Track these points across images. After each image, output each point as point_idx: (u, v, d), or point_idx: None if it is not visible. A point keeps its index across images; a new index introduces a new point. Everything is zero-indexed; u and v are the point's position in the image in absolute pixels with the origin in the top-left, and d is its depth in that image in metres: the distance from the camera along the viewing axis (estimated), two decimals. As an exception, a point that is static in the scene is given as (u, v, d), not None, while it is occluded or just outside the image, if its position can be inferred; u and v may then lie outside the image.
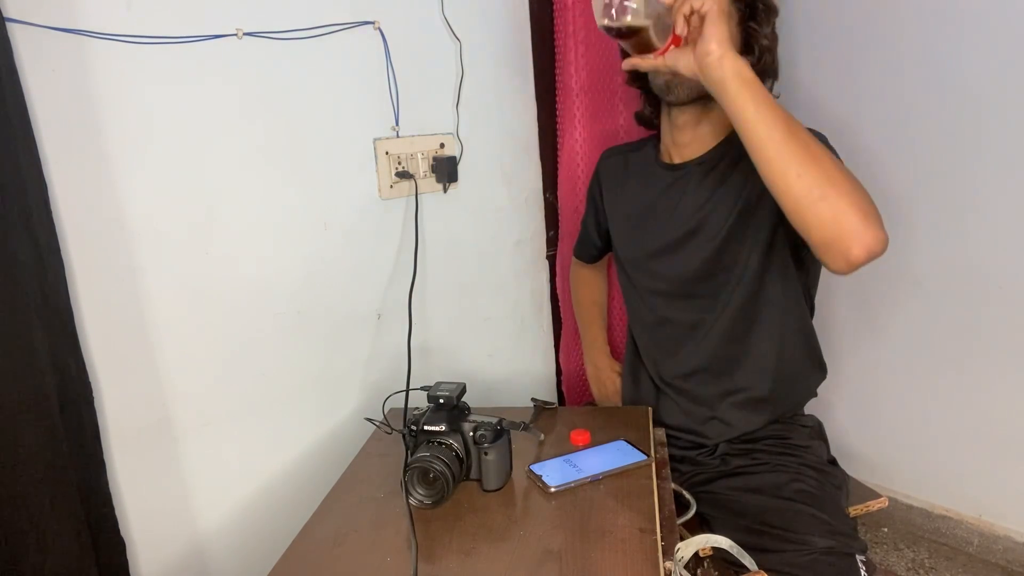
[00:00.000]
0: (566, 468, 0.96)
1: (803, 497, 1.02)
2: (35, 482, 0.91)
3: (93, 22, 0.97)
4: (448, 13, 1.34)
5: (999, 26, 1.42)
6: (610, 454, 0.99)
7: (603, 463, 0.96)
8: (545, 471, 0.95)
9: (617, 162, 1.29)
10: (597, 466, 0.95)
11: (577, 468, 0.95)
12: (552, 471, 0.95)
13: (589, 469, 0.95)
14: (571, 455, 1.00)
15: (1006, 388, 1.58)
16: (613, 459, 0.97)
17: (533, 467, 0.96)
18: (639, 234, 1.21)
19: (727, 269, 1.08)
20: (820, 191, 0.81)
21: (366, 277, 1.34)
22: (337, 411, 1.35)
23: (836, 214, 0.81)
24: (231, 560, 1.24)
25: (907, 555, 1.76)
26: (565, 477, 0.93)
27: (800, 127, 0.87)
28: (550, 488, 0.91)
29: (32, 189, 0.90)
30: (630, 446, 1.01)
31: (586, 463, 0.97)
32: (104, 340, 1.04)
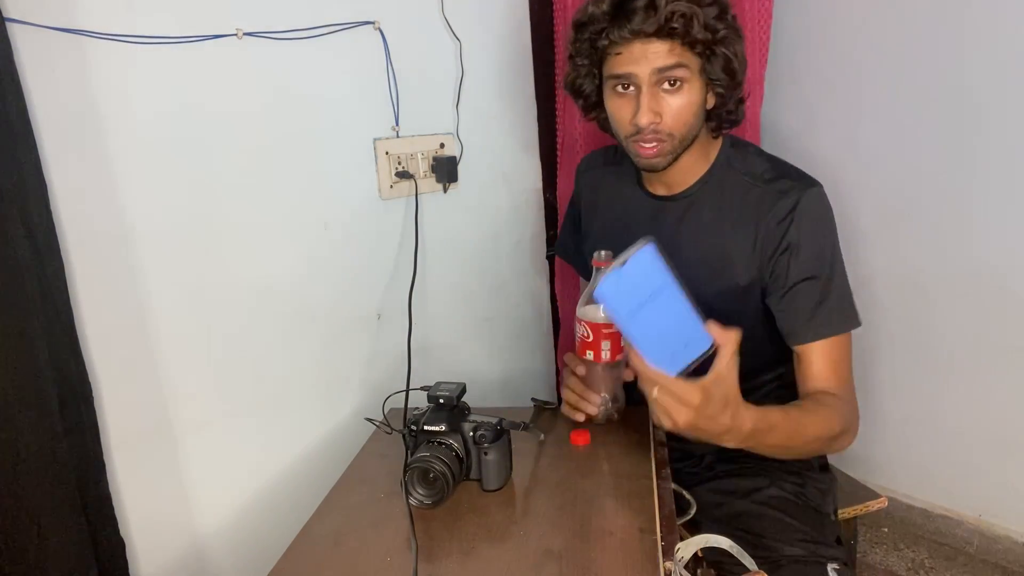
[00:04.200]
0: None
1: (778, 503, 1.02)
2: (35, 482, 0.91)
3: (93, 22, 0.97)
4: (448, 13, 1.34)
5: (1001, 28, 1.42)
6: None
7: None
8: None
9: (595, 177, 1.23)
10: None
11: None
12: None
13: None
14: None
15: (1006, 388, 1.58)
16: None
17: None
18: (627, 241, 1.15)
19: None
20: (808, 453, 0.99)
21: (366, 277, 1.34)
22: (337, 411, 1.35)
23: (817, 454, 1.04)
24: (231, 560, 1.24)
25: (907, 555, 1.76)
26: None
27: (800, 431, 0.89)
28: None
29: (32, 189, 0.90)
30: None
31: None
32: (104, 340, 1.04)
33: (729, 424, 0.75)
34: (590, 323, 0.96)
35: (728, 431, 0.76)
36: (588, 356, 0.98)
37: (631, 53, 0.94)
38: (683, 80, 0.95)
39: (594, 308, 0.96)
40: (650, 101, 0.95)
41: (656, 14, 0.90)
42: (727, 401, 0.73)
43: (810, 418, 0.90)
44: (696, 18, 0.91)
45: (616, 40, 0.94)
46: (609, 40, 0.95)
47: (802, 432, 0.88)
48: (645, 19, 0.91)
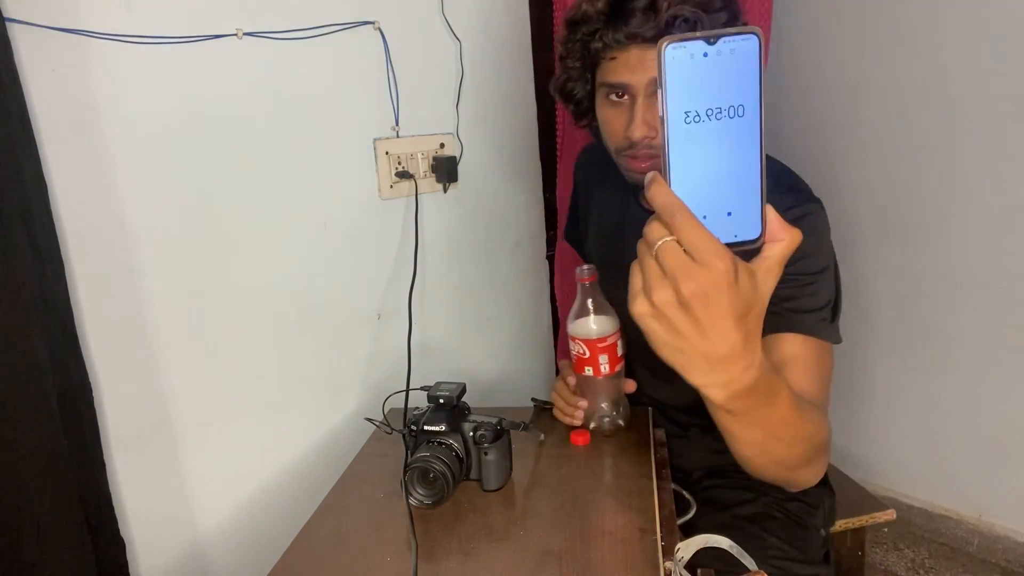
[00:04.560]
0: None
1: (756, 518, 0.99)
2: (35, 482, 0.91)
3: (93, 22, 0.97)
4: (448, 13, 1.34)
5: (1001, 28, 1.42)
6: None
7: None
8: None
9: (591, 175, 1.19)
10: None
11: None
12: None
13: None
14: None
15: (1006, 388, 1.58)
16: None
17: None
18: (611, 254, 1.11)
19: None
20: (775, 476, 0.74)
21: (366, 277, 1.34)
22: (337, 411, 1.35)
23: (783, 481, 0.78)
24: (231, 560, 1.24)
25: (907, 555, 1.76)
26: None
27: (797, 418, 0.62)
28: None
29: (32, 189, 0.90)
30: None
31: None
32: (104, 340, 1.04)
33: (739, 344, 0.47)
34: (584, 340, 0.95)
35: (732, 355, 0.47)
36: (587, 371, 0.97)
37: (627, 59, 0.86)
38: None
39: (585, 323, 0.95)
40: (645, 113, 0.86)
41: (657, 17, 0.82)
42: (752, 313, 0.47)
43: (808, 411, 0.66)
44: (701, 23, 0.82)
45: (611, 44, 0.86)
46: (603, 43, 0.87)
47: (799, 421, 0.62)
48: (644, 22, 0.82)
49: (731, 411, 0.54)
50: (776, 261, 0.47)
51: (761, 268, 0.47)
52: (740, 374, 0.49)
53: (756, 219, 0.46)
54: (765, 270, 0.47)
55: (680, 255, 0.44)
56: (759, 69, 0.43)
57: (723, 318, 0.45)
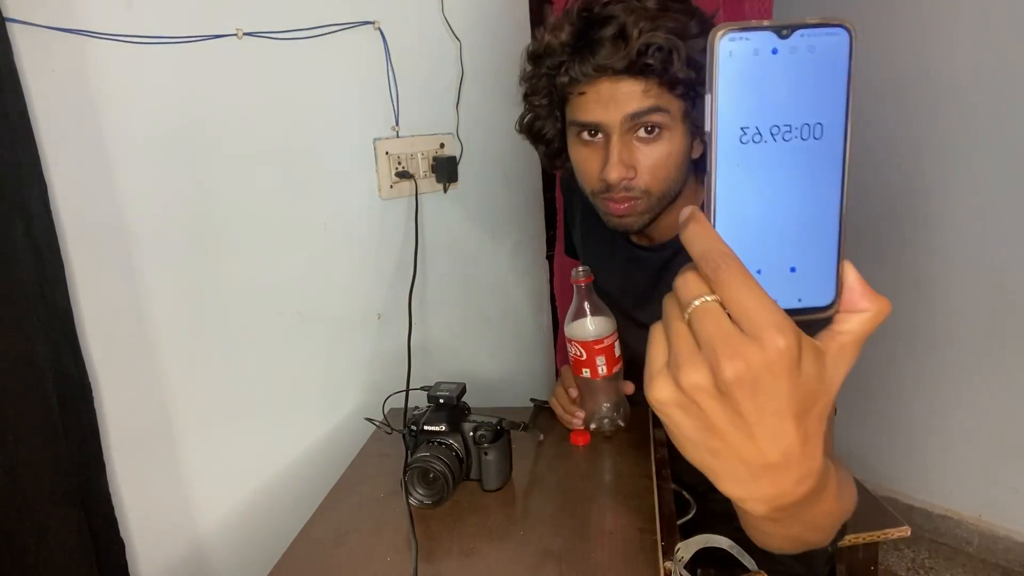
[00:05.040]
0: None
1: None
2: (35, 482, 0.91)
3: (93, 22, 0.97)
4: (448, 13, 1.34)
5: (1001, 28, 1.42)
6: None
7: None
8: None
9: (573, 200, 1.14)
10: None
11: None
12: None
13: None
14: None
15: (1006, 388, 1.58)
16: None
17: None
18: (598, 275, 1.01)
19: None
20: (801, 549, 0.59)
21: (366, 277, 1.34)
22: (337, 411, 1.35)
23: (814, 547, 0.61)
24: (231, 560, 1.24)
25: (907, 555, 1.76)
26: None
27: (840, 503, 0.47)
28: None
29: (32, 189, 0.90)
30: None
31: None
32: (104, 340, 1.04)
33: (795, 449, 0.34)
34: (581, 342, 0.95)
35: (785, 463, 0.34)
36: (585, 373, 0.97)
37: (598, 94, 0.79)
38: (661, 127, 0.79)
39: (582, 324, 0.94)
40: (621, 152, 0.79)
41: (627, 47, 0.74)
42: (816, 408, 0.34)
43: (847, 485, 0.51)
44: (677, 52, 0.74)
45: (578, 77, 0.79)
46: (570, 77, 0.79)
47: (841, 506, 0.48)
48: (613, 52, 0.75)
49: (774, 519, 0.40)
50: (853, 339, 0.35)
51: (832, 347, 0.35)
52: (791, 487, 0.36)
53: (829, 279, 0.35)
54: (838, 350, 0.35)
55: (724, 323, 0.32)
56: (847, 76, 0.32)
57: (776, 414, 0.32)
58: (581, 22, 0.79)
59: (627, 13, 0.75)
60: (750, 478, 0.35)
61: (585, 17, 0.79)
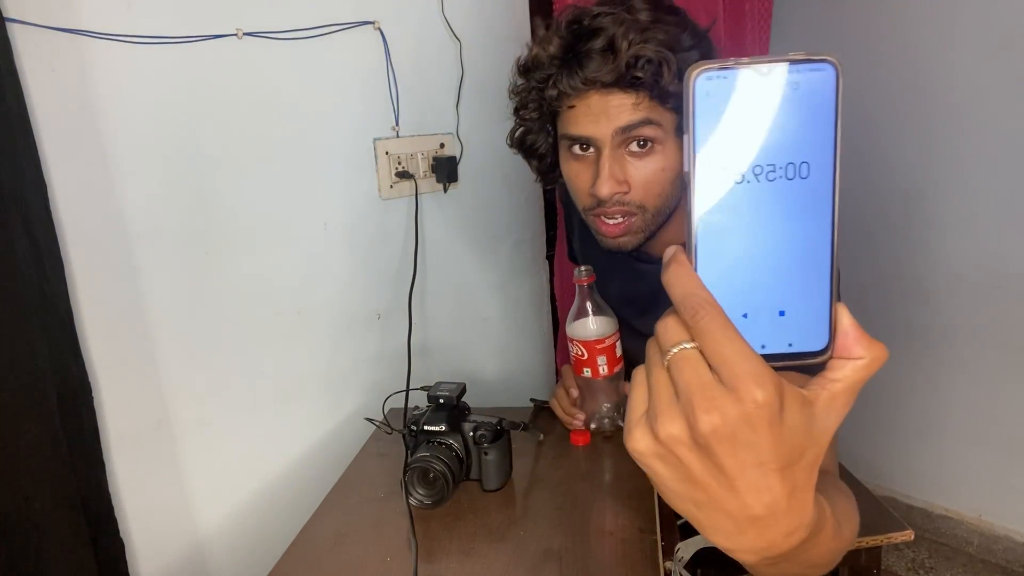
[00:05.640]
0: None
1: None
2: (35, 482, 0.91)
3: (93, 22, 0.97)
4: (448, 13, 1.34)
5: (1000, 29, 1.42)
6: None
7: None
8: None
9: (574, 212, 1.07)
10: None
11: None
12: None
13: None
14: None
15: (1006, 388, 1.58)
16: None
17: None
18: (599, 286, 1.00)
19: None
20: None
21: (366, 277, 1.34)
22: (337, 411, 1.35)
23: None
24: (231, 560, 1.24)
25: (907, 555, 1.76)
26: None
27: (838, 539, 0.42)
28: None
29: (32, 189, 0.90)
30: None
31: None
32: (104, 340, 1.04)
33: (781, 502, 0.32)
34: (582, 342, 0.95)
35: (771, 516, 0.33)
36: (585, 373, 0.97)
37: (587, 107, 0.77)
38: (654, 140, 0.77)
39: (583, 324, 0.95)
40: (612, 167, 0.77)
41: (616, 59, 0.73)
42: (804, 461, 0.33)
43: (846, 514, 0.46)
44: (667, 65, 0.72)
45: (567, 91, 0.77)
46: (558, 91, 0.78)
47: (841, 544, 0.44)
48: (602, 65, 0.74)
49: (765, 565, 0.37)
50: (845, 387, 0.33)
51: (822, 397, 0.33)
52: (780, 539, 0.34)
53: (822, 324, 0.33)
54: (828, 399, 0.33)
55: (702, 373, 0.31)
56: (834, 112, 0.31)
57: (759, 467, 0.31)
58: (570, 35, 0.77)
59: (617, 25, 0.74)
60: (736, 531, 0.33)
61: (575, 29, 0.77)
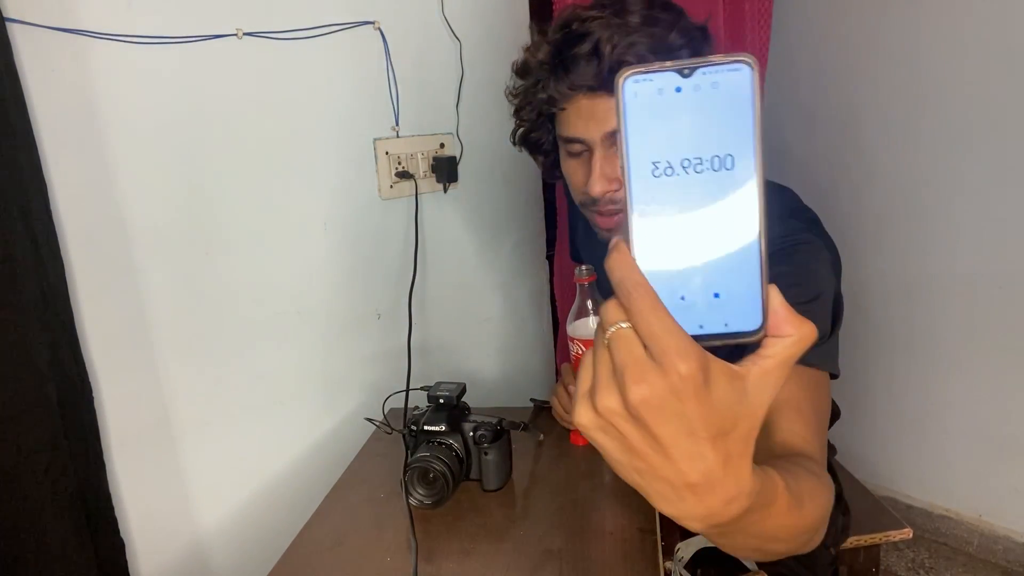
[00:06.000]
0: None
1: None
2: (35, 482, 0.91)
3: (93, 22, 0.97)
4: (448, 13, 1.34)
5: (1000, 30, 1.42)
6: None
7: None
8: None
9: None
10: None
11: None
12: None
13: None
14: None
15: (1006, 388, 1.58)
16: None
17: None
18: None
19: None
20: (782, 554, 0.56)
21: (366, 277, 1.34)
22: (337, 411, 1.35)
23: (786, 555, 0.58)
24: (231, 560, 1.24)
25: (907, 555, 1.76)
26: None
27: (797, 517, 0.46)
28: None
29: (32, 189, 0.90)
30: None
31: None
32: (104, 340, 1.04)
33: (716, 470, 0.35)
34: (583, 341, 0.95)
35: (707, 484, 0.35)
36: None
37: (577, 110, 0.79)
38: None
39: (584, 323, 0.95)
40: (603, 166, 0.79)
41: (600, 64, 0.74)
42: (738, 431, 0.35)
43: (810, 497, 0.50)
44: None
45: (555, 96, 0.79)
46: (548, 95, 0.80)
47: (800, 518, 0.47)
48: (587, 70, 0.75)
49: (715, 533, 0.41)
50: (777, 363, 0.35)
51: (754, 372, 0.34)
52: (721, 508, 0.36)
53: (755, 304, 0.35)
54: (760, 374, 0.34)
55: (635, 349, 0.33)
56: (753, 109, 0.33)
57: (690, 436, 0.33)
58: (560, 39, 0.79)
59: (603, 29, 0.74)
60: (676, 498, 0.36)
61: (564, 34, 0.78)
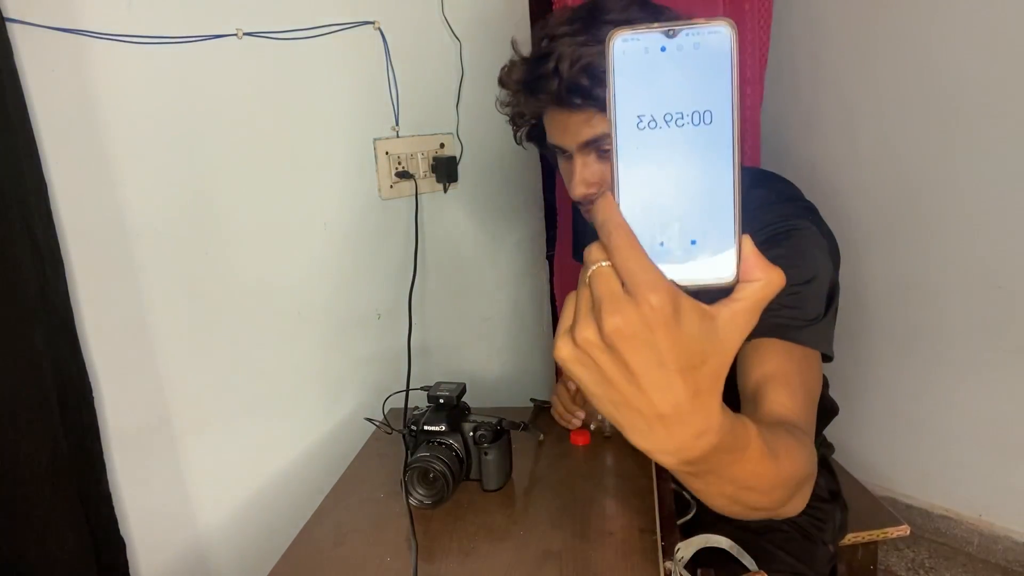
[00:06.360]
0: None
1: (764, 531, 0.99)
2: (35, 482, 0.91)
3: (93, 22, 0.97)
4: (448, 13, 1.34)
5: (999, 30, 1.42)
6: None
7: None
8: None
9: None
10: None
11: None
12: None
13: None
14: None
15: (1006, 388, 1.58)
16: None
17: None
18: None
19: None
20: (754, 517, 0.60)
21: (366, 277, 1.34)
22: (337, 411, 1.35)
23: (765, 517, 0.61)
24: (231, 560, 1.24)
25: (907, 555, 1.76)
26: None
27: (770, 467, 0.49)
28: None
29: (32, 189, 0.90)
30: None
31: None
32: (104, 340, 1.04)
33: (685, 403, 0.37)
34: None
35: (677, 416, 0.37)
36: None
37: (552, 122, 0.84)
38: None
39: None
40: (582, 171, 0.83)
41: (560, 82, 0.78)
42: (707, 367, 0.37)
43: (785, 451, 0.54)
44: (601, 84, 0.76)
45: (527, 112, 0.86)
46: (523, 112, 0.86)
47: (775, 469, 0.50)
48: (549, 88, 0.79)
49: (688, 472, 0.43)
50: (746, 306, 0.37)
51: (724, 313, 0.36)
52: (691, 441, 0.38)
53: (729, 252, 0.37)
54: (730, 315, 0.36)
55: (612, 284, 0.35)
56: (731, 68, 0.35)
57: (660, 367, 0.35)
58: (533, 56, 0.83)
59: (565, 46, 0.78)
60: (648, 429, 0.38)
61: (533, 52, 0.83)
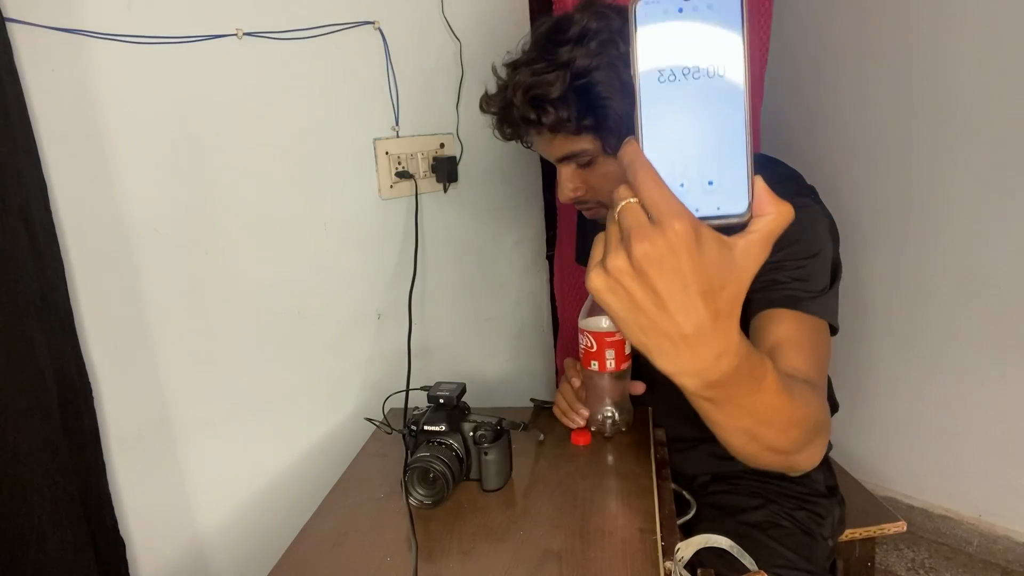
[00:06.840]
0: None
1: (764, 526, 1.00)
2: (35, 482, 0.91)
3: (93, 22, 0.97)
4: (448, 13, 1.34)
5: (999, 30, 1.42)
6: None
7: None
8: None
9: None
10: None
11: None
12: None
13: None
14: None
15: (1005, 388, 1.58)
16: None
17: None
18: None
19: None
20: (770, 463, 0.63)
21: (366, 277, 1.34)
22: (337, 411, 1.35)
23: (780, 467, 0.66)
24: (231, 560, 1.24)
25: (907, 555, 1.76)
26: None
27: (788, 403, 0.53)
28: None
29: (32, 189, 0.90)
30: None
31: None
32: (104, 340, 1.04)
33: (707, 323, 0.41)
34: (593, 333, 0.95)
35: (699, 336, 0.41)
36: (593, 366, 0.97)
37: (533, 139, 0.94)
38: (592, 157, 0.90)
39: (596, 319, 0.95)
40: (565, 181, 0.92)
41: (520, 110, 0.88)
42: (726, 291, 0.41)
43: (800, 393, 0.59)
44: (553, 107, 0.84)
45: (509, 136, 0.96)
46: (502, 132, 0.96)
47: (791, 405, 0.54)
48: (512, 115, 0.90)
49: (709, 399, 0.47)
50: (760, 236, 0.41)
51: (740, 243, 0.41)
52: (712, 362, 0.43)
53: (742, 191, 0.41)
54: (745, 245, 0.41)
55: (639, 216, 0.39)
56: (741, 26, 0.40)
57: (684, 289, 0.39)
58: (498, 87, 0.94)
59: (521, 75, 0.86)
60: (673, 350, 0.42)
61: (498, 81, 0.94)
